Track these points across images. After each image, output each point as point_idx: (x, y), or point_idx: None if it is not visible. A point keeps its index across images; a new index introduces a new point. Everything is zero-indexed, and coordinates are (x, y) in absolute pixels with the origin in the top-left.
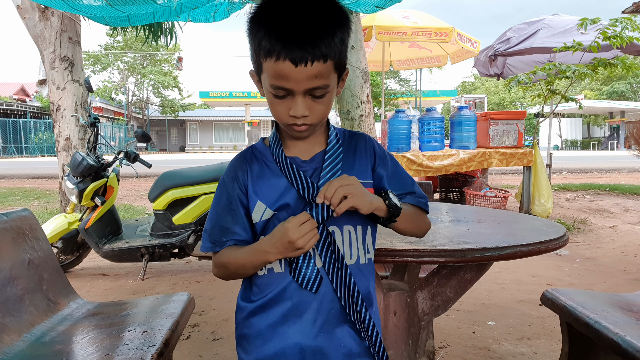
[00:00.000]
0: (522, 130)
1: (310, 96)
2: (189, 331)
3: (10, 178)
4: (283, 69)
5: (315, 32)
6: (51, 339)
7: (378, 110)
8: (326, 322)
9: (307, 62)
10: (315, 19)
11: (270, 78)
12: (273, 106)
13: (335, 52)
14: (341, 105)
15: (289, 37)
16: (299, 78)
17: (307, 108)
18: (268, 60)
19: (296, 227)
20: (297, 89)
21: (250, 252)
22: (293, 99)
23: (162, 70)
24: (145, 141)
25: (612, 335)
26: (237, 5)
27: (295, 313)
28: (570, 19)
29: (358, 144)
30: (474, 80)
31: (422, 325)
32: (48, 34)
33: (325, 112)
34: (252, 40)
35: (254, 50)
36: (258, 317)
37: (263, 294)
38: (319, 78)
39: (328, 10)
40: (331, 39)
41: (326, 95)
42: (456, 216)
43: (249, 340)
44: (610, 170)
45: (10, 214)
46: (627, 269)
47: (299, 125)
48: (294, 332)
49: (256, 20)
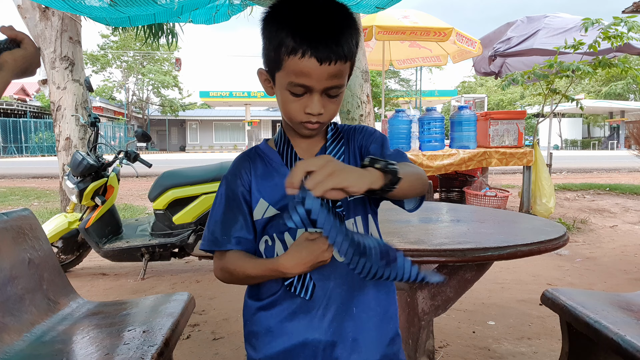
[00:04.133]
0: (522, 130)
1: (326, 95)
2: (189, 331)
3: (11, 178)
4: (307, 67)
5: (339, 33)
6: (51, 339)
7: (378, 110)
8: (336, 316)
9: (330, 61)
10: (336, 20)
11: (291, 75)
12: (287, 104)
13: (353, 53)
14: (341, 104)
15: (315, 36)
16: (321, 76)
17: (323, 107)
18: (291, 58)
19: (329, 246)
20: (316, 87)
21: (264, 268)
22: (310, 97)
23: (162, 69)
24: (146, 141)
25: (612, 335)
26: (238, 7)
27: (303, 309)
28: (570, 19)
29: (356, 134)
30: (473, 80)
31: (422, 325)
32: (48, 33)
33: (336, 111)
34: (272, 38)
35: (274, 48)
36: (267, 314)
37: (271, 291)
38: (337, 77)
39: (344, 14)
40: (351, 40)
41: (339, 95)
42: (456, 216)
43: (257, 337)
44: (610, 170)
45: (10, 213)
46: (627, 269)
47: (312, 123)
48: (303, 328)
49: (275, 19)
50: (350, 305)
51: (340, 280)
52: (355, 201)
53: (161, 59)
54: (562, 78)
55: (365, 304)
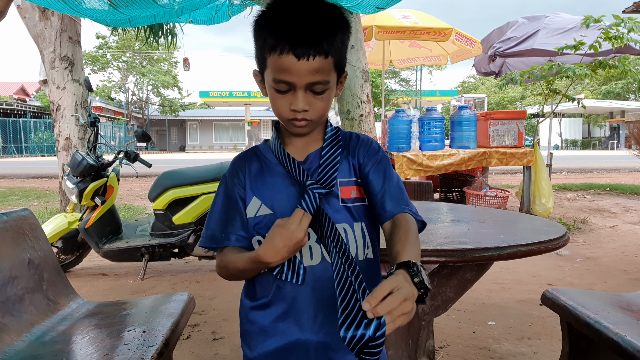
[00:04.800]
0: (523, 129)
1: (310, 92)
2: (189, 331)
3: (10, 178)
4: (286, 63)
5: (318, 30)
6: (51, 339)
7: (378, 110)
8: (327, 317)
9: (309, 56)
10: (318, 19)
11: (273, 72)
12: (274, 101)
13: (336, 50)
14: (341, 104)
15: (293, 33)
16: (301, 72)
17: (308, 103)
18: (272, 55)
19: (298, 225)
20: (298, 83)
21: (248, 261)
22: (294, 94)
23: (162, 69)
24: (145, 141)
25: (613, 335)
26: (238, 8)
27: (295, 309)
28: (570, 19)
29: (359, 146)
30: (473, 80)
31: (423, 325)
32: (48, 33)
33: (324, 109)
34: (258, 38)
35: (259, 47)
36: (261, 313)
37: (264, 291)
38: (320, 73)
39: (331, 13)
40: (332, 38)
41: (326, 92)
42: (456, 216)
43: (251, 336)
44: (610, 170)
45: (10, 213)
46: (628, 269)
47: (299, 120)
48: (295, 328)
49: (262, 21)
50: None
51: (331, 282)
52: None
53: (160, 58)
54: (562, 78)
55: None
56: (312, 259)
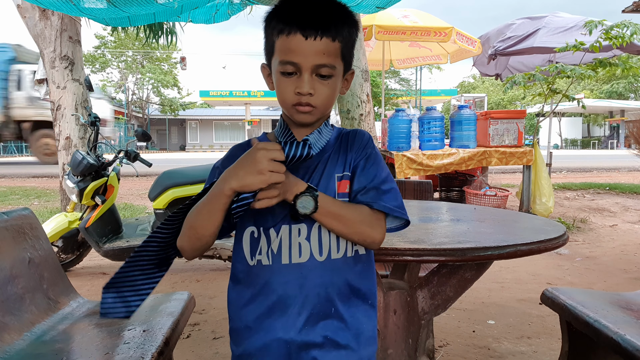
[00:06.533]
0: (522, 129)
1: (317, 76)
2: (189, 330)
3: (11, 177)
4: (294, 43)
5: (326, 13)
6: (52, 338)
7: (378, 109)
8: (312, 316)
9: (316, 36)
10: (327, 6)
11: (280, 54)
12: (280, 86)
13: (344, 38)
14: (341, 104)
15: (302, 14)
16: (308, 52)
17: (313, 87)
18: (280, 37)
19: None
20: (304, 64)
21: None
22: (300, 77)
23: (162, 69)
24: (146, 140)
25: (612, 334)
26: (238, 7)
27: (280, 306)
28: (570, 18)
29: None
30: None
31: (422, 324)
32: (48, 33)
33: (329, 98)
34: (267, 28)
35: (268, 35)
36: (246, 310)
37: (249, 287)
38: (326, 55)
39: (340, 8)
40: (341, 25)
41: (332, 78)
42: (456, 215)
43: (237, 333)
44: (610, 169)
45: (10, 213)
46: (627, 268)
47: (303, 105)
48: (278, 325)
49: (272, 14)
50: (328, 306)
51: (318, 280)
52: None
53: (160, 58)
54: (562, 78)
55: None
56: (301, 256)
